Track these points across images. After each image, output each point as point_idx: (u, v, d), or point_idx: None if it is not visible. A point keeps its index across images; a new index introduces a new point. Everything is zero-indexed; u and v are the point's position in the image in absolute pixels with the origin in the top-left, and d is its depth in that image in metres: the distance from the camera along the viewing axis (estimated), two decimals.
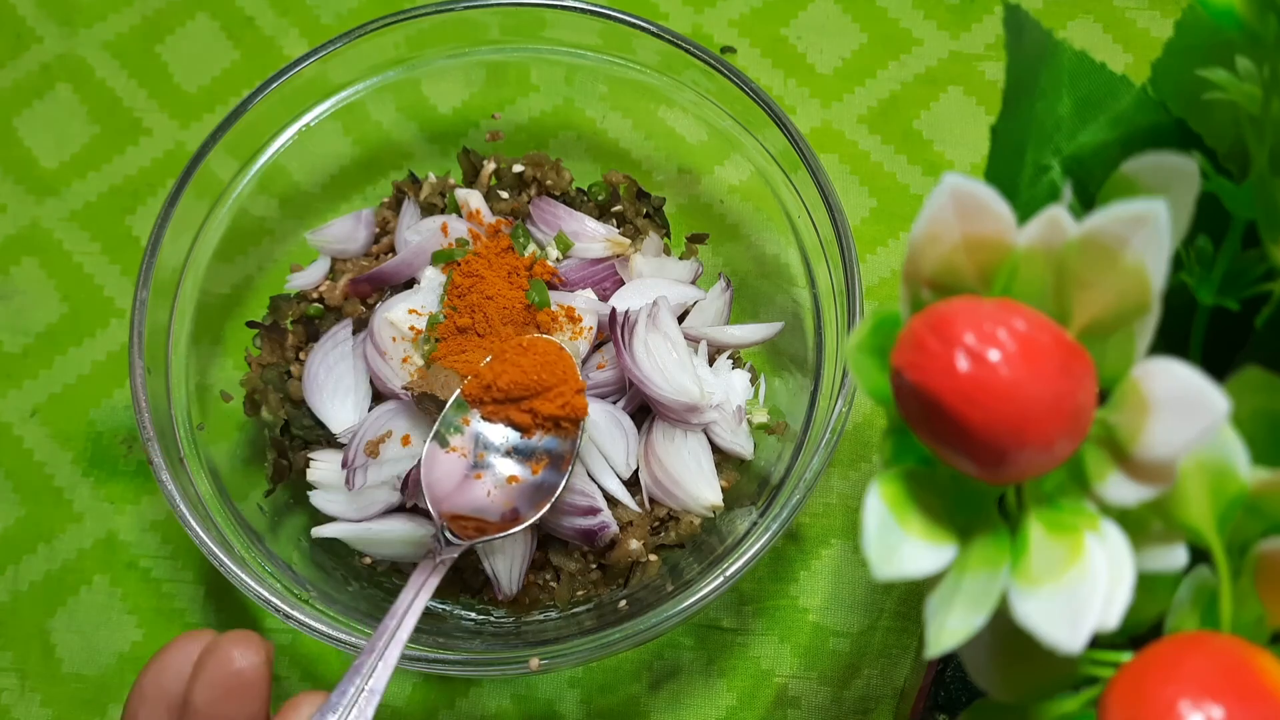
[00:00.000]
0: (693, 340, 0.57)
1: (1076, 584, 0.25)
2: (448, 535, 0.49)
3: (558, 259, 0.58)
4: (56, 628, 0.59)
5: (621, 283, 0.58)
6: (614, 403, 0.56)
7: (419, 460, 0.52)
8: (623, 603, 0.54)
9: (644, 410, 0.56)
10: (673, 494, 0.55)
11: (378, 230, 0.62)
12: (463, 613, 0.55)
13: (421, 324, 0.55)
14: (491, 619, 0.55)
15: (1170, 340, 0.29)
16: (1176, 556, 0.28)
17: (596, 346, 0.56)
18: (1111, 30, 0.70)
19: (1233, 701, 0.25)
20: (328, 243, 0.60)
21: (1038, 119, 0.35)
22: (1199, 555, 0.29)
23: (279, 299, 0.59)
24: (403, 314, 0.55)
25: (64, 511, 0.61)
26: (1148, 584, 0.28)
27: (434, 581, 0.46)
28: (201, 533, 0.49)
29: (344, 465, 0.54)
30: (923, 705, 0.49)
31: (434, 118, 0.65)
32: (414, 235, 0.58)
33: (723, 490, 0.55)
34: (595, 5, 0.58)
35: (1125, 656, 0.28)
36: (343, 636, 0.48)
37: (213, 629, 0.42)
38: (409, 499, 0.53)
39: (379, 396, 0.56)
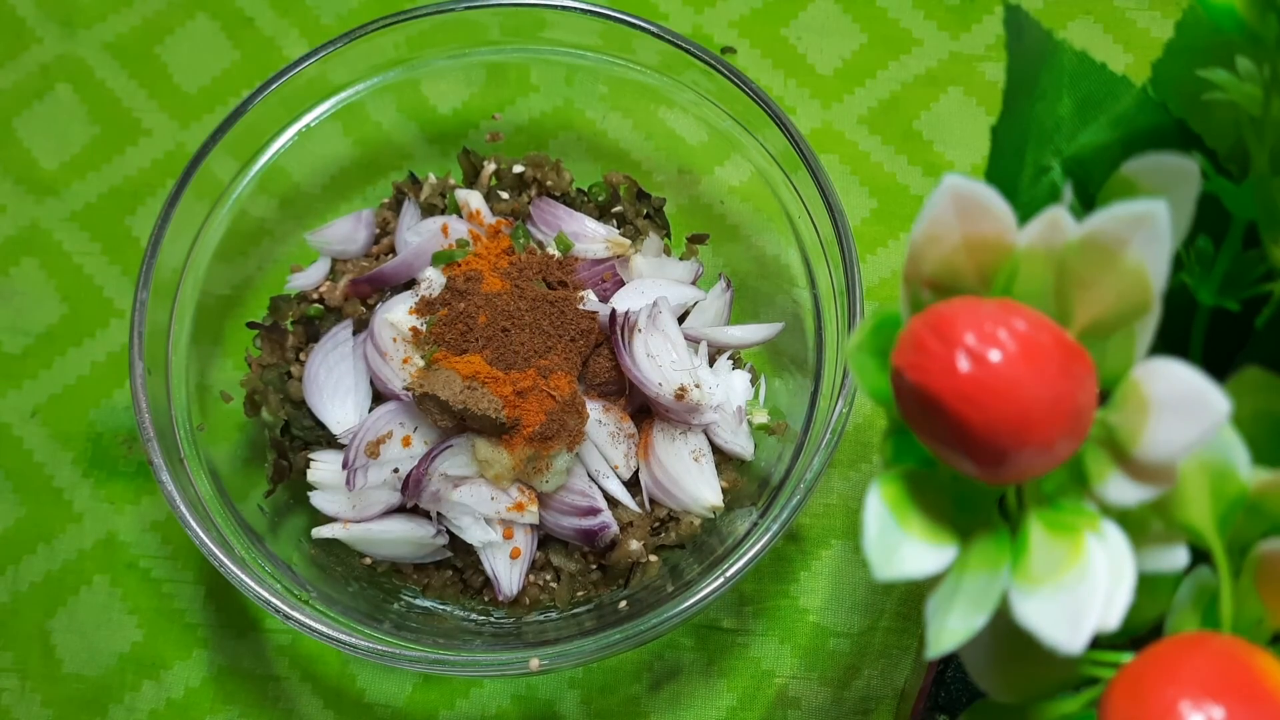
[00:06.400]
0: (693, 341, 0.57)
1: (1077, 584, 0.25)
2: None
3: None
4: (57, 628, 0.59)
5: (622, 283, 0.58)
6: (614, 402, 0.56)
7: (419, 460, 0.52)
8: (623, 603, 0.54)
9: (644, 410, 0.56)
10: (673, 494, 0.55)
11: (378, 231, 0.61)
12: (463, 613, 0.55)
13: (422, 325, 0.55)
14: (491, 619, 0.55)
15: (1170, 341, 0.29)
16: (1177, 557, 0.28)
17: (596, 346, 0.56)
18: (1111, 30, 0.70)
19: (1233, 702, 0.25)
20: (328, 243, 0.60)
21: (1038, 119, 0.35)
22: (1199, 555, 0.29)
23: (279, 299, 0.59)
24: (403, 315, 0.55)
25: (64, 512, 0.61)
26: (1148, 584, 0.28)
27: None
28: (201, 533, 0.49)
29: (344, 466, 0.54)
30: (923, 706, 0.49)
31: (434, 118, 0.65)
32: (414, 236, 0.58)
33: (723, 491, 0.55)
34: (595, 5, 0.58)
35: (1126, 657, 0.28)
36: (343, 637, 0.48)
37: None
38: (409, 499, 0.53)
39: (379, 397, 0.56)
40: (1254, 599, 0.28)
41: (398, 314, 0.55)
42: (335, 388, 0.56)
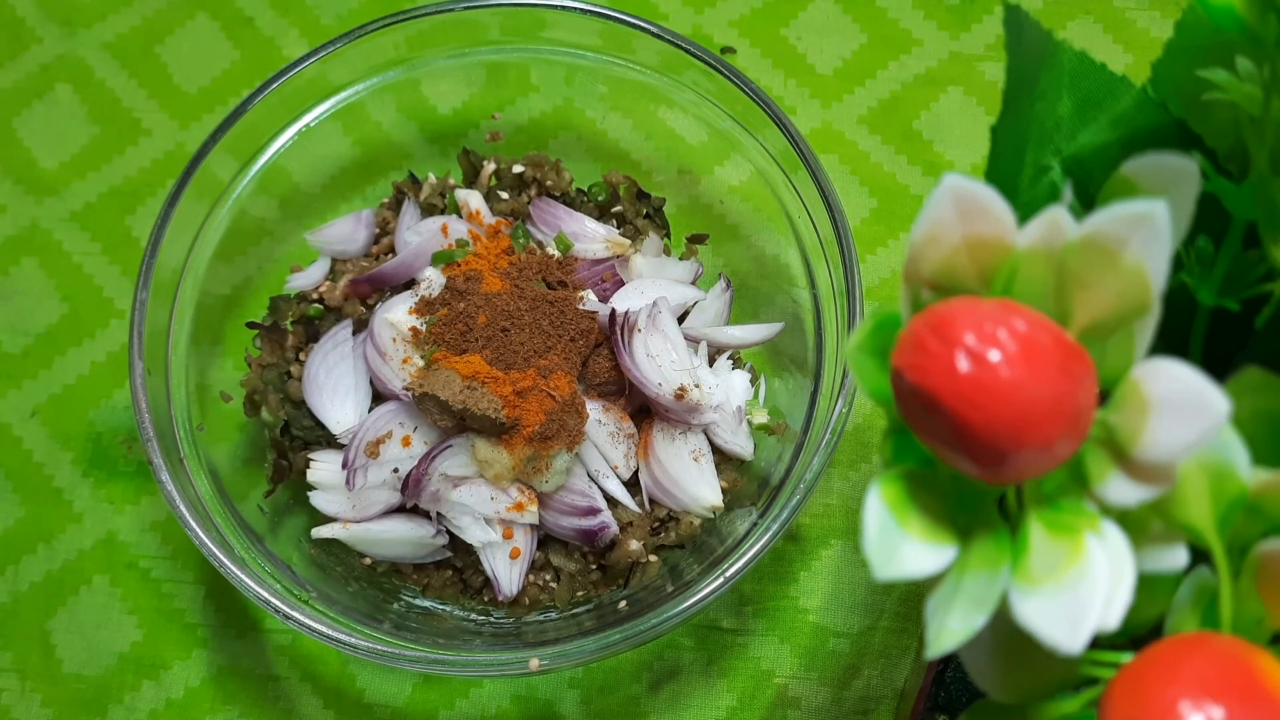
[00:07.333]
0: (693, 341, 0.57)
1: (1077, 584, 0.25)
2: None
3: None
4: (56, 628, 0.59)
5: (621, 283, 0.58)
6: (614, 402, 0.56)
7: (419, 460, 0.52)
8: (623, 603, 0.54)
9: (644, 410, 0.56)
10: (673, 495, 0.55)
11: (378, 231, 0.61)
12: (463, 613, 0.55)
13: (422, 325, 0.55)
14: (491, 619, 0.55)
15: (1170, 340, 0.29)
16: (1177, 557, 0.28)
17: (596, 346, 0.56)
18: (1111, 30, 0.70)
19: (1233, 702, 0.25)
20: (328, 243, 0.60)
21: (1038, 119, 0.35)
22: (1199, 556, 0.29)
23: (279, 299, 0.59)
24: (403, 315, 0.55)
25: (64, 512, 0.61)
26: (1148, 584, 0.28)
27: None
28: (201, 533, 0.49)
29: (344, 466, 0.54)
30: (923, 706, 0.49)
31: (434, 118, 0.65)
32: (414, 236, 0.58)
33: (723, 491, 0.55)
34: (595, 5, 0.58)
35: (1125, 657, 0.28)
36: (343, 637, 0.48)
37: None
38: (409, 499, 0.53)
39: (379, 397, 0.56)
40: (1254, 599, 0.28)
41: (398, 314, 0.55)
42: (335, 388, 0.56)
